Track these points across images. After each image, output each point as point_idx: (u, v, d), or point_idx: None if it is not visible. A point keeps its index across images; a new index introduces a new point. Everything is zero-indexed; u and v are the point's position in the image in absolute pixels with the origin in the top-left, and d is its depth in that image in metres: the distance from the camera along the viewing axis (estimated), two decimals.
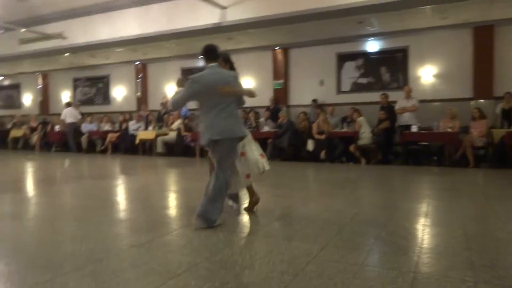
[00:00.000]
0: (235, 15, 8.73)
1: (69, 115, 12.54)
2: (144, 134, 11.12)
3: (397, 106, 8.85)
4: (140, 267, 2.45)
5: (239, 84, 3.82)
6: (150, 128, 11.38)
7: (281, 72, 11.19)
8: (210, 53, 3.82)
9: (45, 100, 16.04)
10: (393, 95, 9.24)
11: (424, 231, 3.23)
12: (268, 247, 2.84)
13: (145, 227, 3.44)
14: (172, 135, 10.92)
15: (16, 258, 2.64)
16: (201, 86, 3.59)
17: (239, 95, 3.75)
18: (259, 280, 2.24)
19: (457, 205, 4.30)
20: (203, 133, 3.55)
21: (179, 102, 3.69)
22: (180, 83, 3.93)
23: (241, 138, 3.67)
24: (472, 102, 9.04)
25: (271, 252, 2.71)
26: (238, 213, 3.93)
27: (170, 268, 2.43)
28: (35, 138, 13.39)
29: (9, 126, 14.81)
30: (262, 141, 9.37)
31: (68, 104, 13.12)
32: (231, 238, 3.07)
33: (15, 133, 13.97)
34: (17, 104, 16.96)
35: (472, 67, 9.22)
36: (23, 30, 11.09)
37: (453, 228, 3.33)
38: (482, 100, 8.96)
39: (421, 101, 8.97)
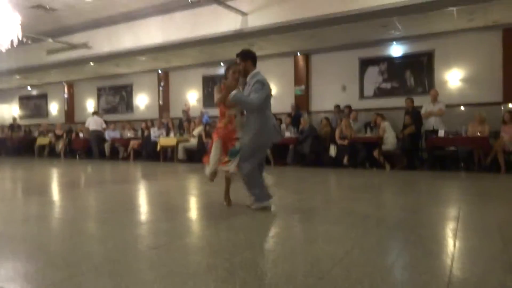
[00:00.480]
0: (256, 21, 8.73)
1: (93, 123, 12.79)
2: (165, 140, 11.18)
3: (423, 111, 8.60)
4: (158, 269, 2.37)
5: None
6: (172, 135, 11.44)
7: (303, 78, 11.10)
8: (255, 58, 4.16)
9: (70, 109, 16.43)
10: (418, 100, 9.00)
11: (456, 235, 3.04)
12: (291, 249, 2.72)
13: (164, 230, 3.37)
14: (193, 141, 10.94)
15: (36, 257, 2.61)
16: (268, 89, 4.01)
17: None
18: (281, 281, 2.12)
19: (491, 210, 4.07)
20: (263, 133, 3.96)
21: (260, 101, 3.90)
22: (221, 90, 4.04)
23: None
24: (502, 106, 8.71)
25: (294, 254, 2.59)
26: (260, 215, 3.83)
27: (189, 270, 2.34)
28: (60, 145, 13.69)
29: (35, 134, 15.20)
30: (283, 147, 9.34)
31: (94, 113, 13.41)
32: (252, 240, 2.96)
33: (41, 141, 14.33)
34: (44, 113, 17.44)
35: (502, 70, 8.89)
36: (50, 40, 11.41)
37: (487, 232, 3.13)
38: None
39: (448, 106, 8.70)
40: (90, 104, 16.02)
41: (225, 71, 4.23)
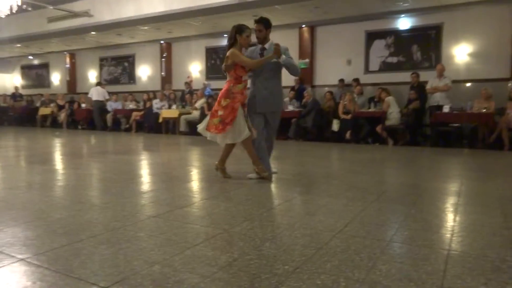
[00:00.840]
0: None
1: (96, 94, 12.71)
2: (168, 112, 11.13)
3: (428, 86, 8.47)
4: (156, 237, 2.37)
5: None
6: (174, 107, 11.37)
7: (307, 51, 10.89)
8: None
9: (72, 79, 16.31)
10: (424, 75, 8.84)
11: (457, 210, 3.02)
12: (290, 221, 2.71)
13: (165, 199, 3.37)
14: (195, 114, 10.88)
15: (35, 224, 2.62)
16: None
17: None
18: (280, 252, 2.12)
19: (493, 186, 4.05)
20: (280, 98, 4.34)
21: None
22: (239, 54, 4.07)
23: None
24: (510, 83, 8.55)
25: (293, 226, 2.59)
26: (260, 188, 3.84)
27: (188, 239, 2.34)
28: (62, 116, 13.67)
29: (38, 104, 15.15)
30: (286, 120, 9.26)
31: (98, 83, 13.32)
32: (251, 212, 2.96)
33: (44, 111, 14.30)
34: (46, 83, 17.33)
35: (511, 46, 8.68)
36: (51, 8, 11.17)
37: (489, 207, 3.11)
38: None
39: (454, 81, 8.55)
40: (92, 75, 15.88)
41: (235, 33, 4.04)
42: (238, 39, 4.06)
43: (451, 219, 2.80)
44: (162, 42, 13.53)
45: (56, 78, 17.09)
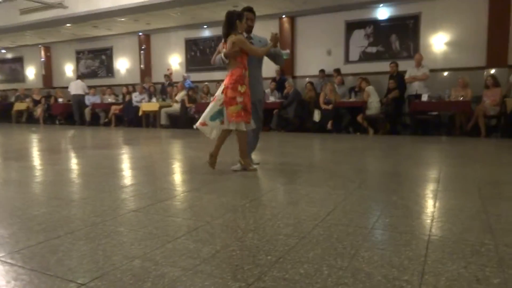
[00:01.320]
0: None
1: (75, 88, 12.40)
2: (148, 106, 10.97)
3: (407, 75, 8.58)
4: (137, 231, 2.32)
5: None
6: (154, 100, 11.21)
7: (288, 42, 10.86)
8: None
9: (48, 73, 15.88)
10: (403, 65, 8.94)
11: (436, 196, 3.07)
12: (273, 211, 2.70)
13: (145, 193, 3.31)
14: (176, 107, 10.76)
15: (10, 222, 2.53)
16: None
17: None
18: (262, 243, 2.10)
19: (470, 171, 4.13)
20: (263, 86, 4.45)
21: None
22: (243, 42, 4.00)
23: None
24: (485, 71, 8.73)
25: (276, 216, 2.58)
26: (243, 179, 3.82)
27: (169, 232, 2.30)
28: (38, 111, 13.33)
29: (12, 99, 14.71)
30: (268, 111, 9.23)
31: (78, 77, 13.00)
32: (234, 203, 2.94)
33: (19, 106, 13.90)
34: (21, 78, 16.82)
35: (487, 35, 8.84)
36: None
37: (467, 192, 3.17)
38: (495, 69, 8.63)
39: (432, 70, 8.68)
40: (69, 68, 15.49)
41: (236, 18, 3.95)
42: (238, 25, 3.97)
43: (431, 205, 2.84)
44: (140, 34, 13.28)
45: (31, 72, 16.60)
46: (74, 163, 5.29)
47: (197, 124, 4.14)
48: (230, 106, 3.94)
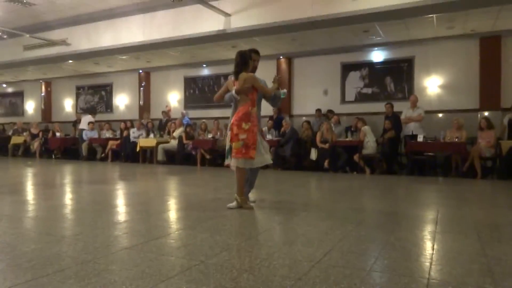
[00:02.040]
0: (239, 22, 8.68)
1: (83, 122, 12.48)
2: (145, 141, 10.99)
3: (402, 116, 8.70)
4: (129, 270, 2.26)
5: None
6: (151, 136, 11.26)
7: (285, 82, 11.07)
8: None
9: (47, 107, 16.02)
10: (398, 106, 9.10)
11: (435, 238, 3.03)
12: (269, 251, 2.65)
13: (139, 230, 3.25)
14: (173, 143, 10.79)
15: (0, 258, 2.47)
16: None
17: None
18: (258, 284, 2.04)
19: (468, 213, 4.10)
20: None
21: None
22: (252, 80, 4.17)
23: None
24: (479, 114, 8.88)
25: (272, 256, 2.52)
26: (238, 217, 3.77)
27: (162, 271, 2.24)
28: (35, 145, 13.30)
29: (10, 132, 14.72)
30: None
31: (90, 112, 13.08)
32: (229, 242, 2.88)
33: (16, 139, 13.88)
34: (20, 112, 16.95)
35: (479, 78, 9.07)
36: (28, 36, 11.07)
37: (465, 235, 3.13)
38: (488, 112, 8.78)
39: (427, 112, 8.83)
40: (68, 103, 15.65)
41: (245, 55, 4.16)
42: (250, 64, 4.16)
43: (429, 247, 2.79)
44: (140, 71, 13.54)
45: (30, 106, 16.74)
46: (68, 198, 5.22)
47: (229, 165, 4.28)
48: (234, 142, 4.06)
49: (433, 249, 2.72)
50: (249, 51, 4.30)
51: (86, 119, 12.55)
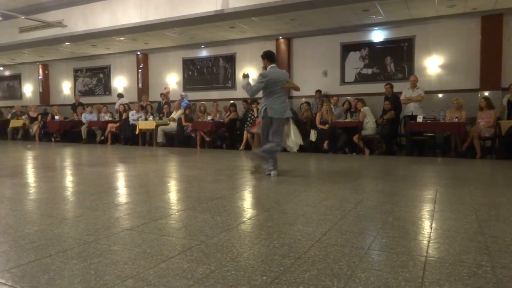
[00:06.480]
0: (237, 2, 8.54)
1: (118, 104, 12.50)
2: (144, 124, 10.98)
3: (402, 96, 8.66)
4: (130, 250, 2.29)
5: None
6: (151, 118, 11.23)
7: (284, 63, 10.98)
8: (271, 57, 5.31)
9: (45, 90, 15.93)
10: (398, 86, 9.05)
11: (433, 217, 3.06)
12: (269, 231, 2.68)
13: (140, 212, 3.28)
14: (172, 125, 10.77)
15: (2, 239, 2.49)
16: (268, 80, 5.08)
17: (295, 89, 5.75)
18: (258, 263, 2.08)
19: (466, 192, 4.13)
20: (264, 110, 5.10)
21: (254, 91, 5.18)
22: (246, 76, 5.39)
23: (288, 119, 5.25)
24: (479, 93, 8.84)
25: (272, 236, 2.55)
26: (237, 198, 3.79)
27: (163, 251, 2.27)
28: (34, 128, 13.27)
29: (8, 116, 14.68)
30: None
31: (120, 95, 13.04)
32: (229, 222, 2.91)
33: (15, 123, 13.85)
34: (18, 95, 16.86)
35: (480, 58, 9.00)
36: (23, 17, 10.91)
37: (463, 213, 3.16)
38: (489, 91, 8.74)
39: (427, 92, 8.78)
40: (66, 86, 15.56)
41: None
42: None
43: (427, 226, 2.82)
44: (138, 53, 13.41)
45: (28, 89, 16.65)
46: (68, 180, 5.24)
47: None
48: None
49: (431, 228, 2.75)
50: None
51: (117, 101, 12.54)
